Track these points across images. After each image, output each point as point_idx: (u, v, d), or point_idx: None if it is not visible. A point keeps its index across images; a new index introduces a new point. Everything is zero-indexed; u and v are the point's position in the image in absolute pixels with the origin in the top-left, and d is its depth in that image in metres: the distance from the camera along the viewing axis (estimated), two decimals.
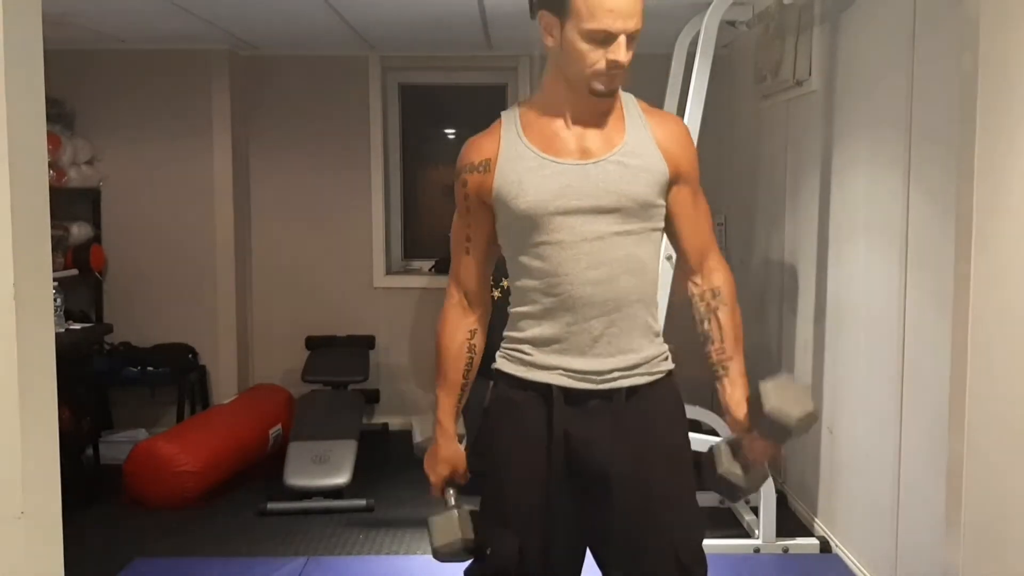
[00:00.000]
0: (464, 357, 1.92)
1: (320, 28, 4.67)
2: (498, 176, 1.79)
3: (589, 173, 1.76)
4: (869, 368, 3.26)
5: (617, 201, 1.76)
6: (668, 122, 1.88)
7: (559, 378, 1.80)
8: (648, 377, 1.84)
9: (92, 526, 3.94)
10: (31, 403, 1.86)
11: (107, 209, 5.20)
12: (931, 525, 2.67)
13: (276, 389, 5.13)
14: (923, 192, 2.84)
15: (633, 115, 1.83)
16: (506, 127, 1.84)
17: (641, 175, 1.77)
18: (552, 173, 1.77)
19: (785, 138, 4.18)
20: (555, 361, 1.81)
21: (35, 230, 1.89)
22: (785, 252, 4.19)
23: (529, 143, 1.80)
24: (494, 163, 1.80)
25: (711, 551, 1.94)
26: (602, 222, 1.76)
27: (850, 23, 3.44)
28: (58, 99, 4.86)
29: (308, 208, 5.49)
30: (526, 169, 1.78)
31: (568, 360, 1.80)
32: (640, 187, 1.77)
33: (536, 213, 1.76)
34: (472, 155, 1.84)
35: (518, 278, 1.85)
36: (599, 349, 1.79)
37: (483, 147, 1.84)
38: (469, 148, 1.86)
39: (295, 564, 3.49)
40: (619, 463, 1.79)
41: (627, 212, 1.77)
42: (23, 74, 1.84)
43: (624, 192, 1.76)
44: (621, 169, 1.77)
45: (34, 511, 1.86)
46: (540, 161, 1.78)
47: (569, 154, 1.78)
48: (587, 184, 1.76)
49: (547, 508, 1.82)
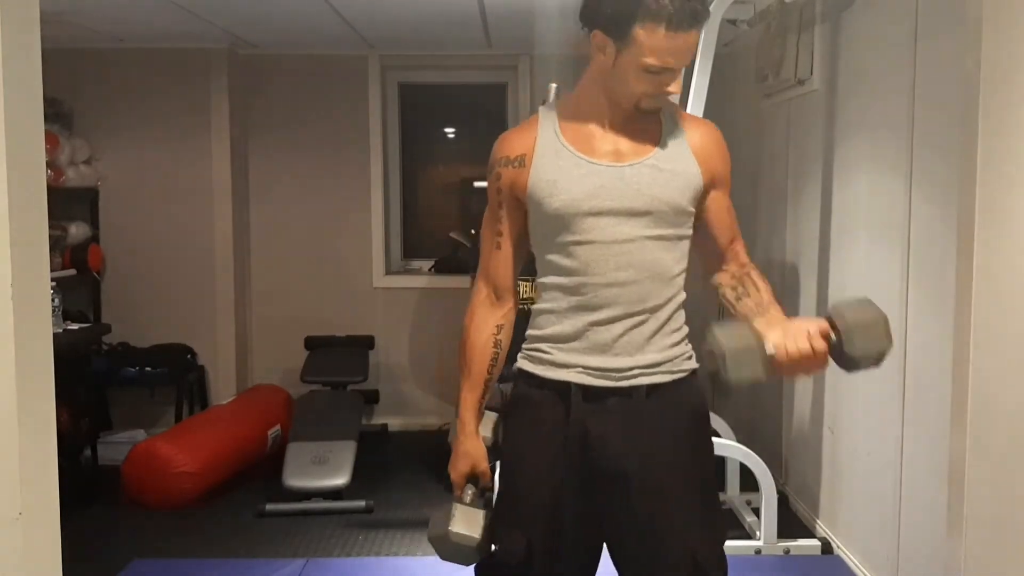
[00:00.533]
0: (490, 352, 1.90)
1: (319, 27, 4.66)
2: (533, 173, 1.79)
3: (624, 175, 1.76)
4: (870, 368, 3.24)
5: (649, 204, 1.76)
6: (703, 128, 1.88)
7: (578, 375, 1.80)
8: (670, 376, 1.82)
9: (90, 527, 3.93)
10: (29, 404, 1.85)
11: (105, 209, 5.19)
12: (933, 526, 2.66)
13: (275, 389, 5.12)
14: (925, 192, 2.84)
15: (669, 121, 1.84)
16: (543, 123, 1.83)
17: (675, 180, 1.78)
18: (587, 173, 1.77)
19: (786, 137, 4.18)
20: (574, 359, 1.80)
21: (33, 230, 1.88)
22: (786, 252, 4.18)
23: (566, 141, 1.80)
24: (530, 159, 1.80)
25: None
26: (633, 225, 1.76)
27: (852, 22, 3.44)
28: (56, 98, 4.85)
29: (307, 208, 5.48)
30: (561, 167, 1.78)
31: (587, 358, 1.79)
32: (673, 192, 1.77)
33: (568, 212, 1.76)
34: (507, 149, 1.84)
35: (545, 275, 1.85)
36: (619, 348, 1.78)
37: (519, 141, 1.83)
38: (504, 142, 1.86)
39: (294, 565, 3.48)
40: (636, 461, 1.77)
41: (658, 216, 1.77)
42: (21, 73, 1.83)
43: (657, 196, 1.76)
44: (655, 173, 1.77)
45: (32, 512, 1.85)
46: (576, 160, 1.78)
47: (604, 155, 1.78)
48: (621, 186, 1.76)
49: (560, 507, 1.81)
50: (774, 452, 4.21)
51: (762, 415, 4.52)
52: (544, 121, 1.84)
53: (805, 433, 3.93)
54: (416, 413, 5.46)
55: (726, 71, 4.74)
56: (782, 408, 4.21)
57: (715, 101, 3.51)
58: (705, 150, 1.83)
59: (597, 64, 1.78)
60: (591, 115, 1.81)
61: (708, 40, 3.42)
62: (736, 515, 3.97)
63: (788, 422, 4.16)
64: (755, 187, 4.66)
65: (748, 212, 4.78)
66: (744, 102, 4.81)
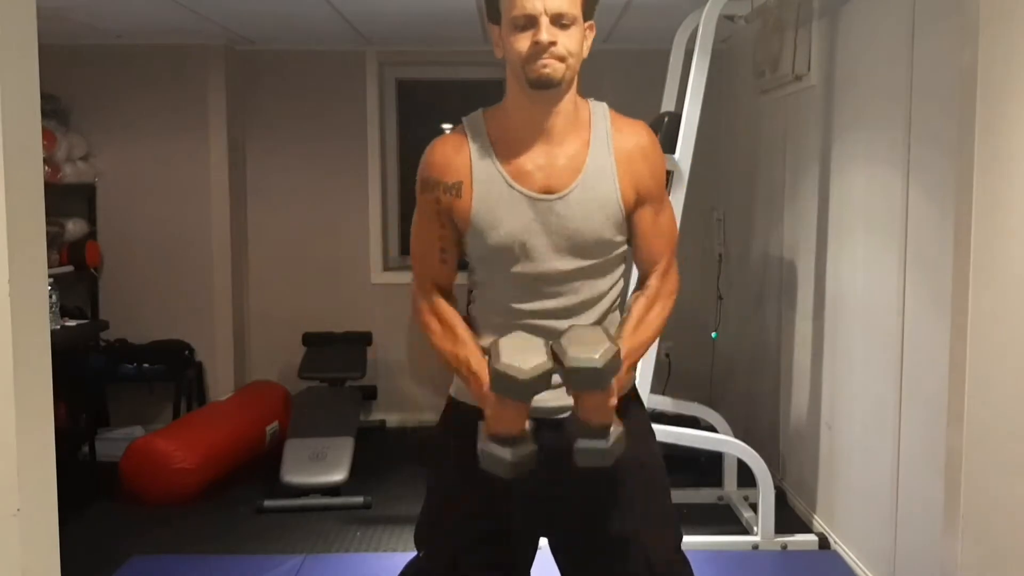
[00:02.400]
0: (460, 315, 1.88)
1: (317, 23, 4.65)
2: (475, 203, 1.78)
3: (553, 209, 1.76)
4: (868, 364, 3.25)
5: (575, 239, 1.77)
6: (633, 135, 1.83)
7: None
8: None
9: (89, 523, 3.93)
10: (27, 400, 1.85)
11: (102, 205, 5.19)
12: (930, 521, 2.67)
13: (273, 386, 5.12)
14: (922, 187, 2.84)
15: (600, 129, 1.81)
16: (473, 141, 1.81)
17: (597, 214, 1.77)
18: (521, 208, 1.76)
19: (784, 133, 4.18)
20: None
21: (30, 226, 1.88)
22: (784, 248, 4.18)
23: (500, 166, 1.78)
24: (467, 187, 1.78)
25: (710, 548, 1.94)
26: (562, 259, 1.78)
27: (849, 18, 3.44)
28: (53, 95, 4.83)
29: (305, 204, 5.47)
30: (499, 198, 1.77)
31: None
32: (596, 225, 1.78)
33: (505, 246, 1.77)
34: (442, 173, 1.80)
35: (480, 295, 1.88)
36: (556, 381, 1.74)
37: (453, 165, 1.80)
38: (437, 160, 1.81)
39: (292, 562, 3.48)
40: (575, 471, 1.74)
41: (585, 249, 1.78)
42: (17, 70, 1.83)
43: (582, 231, 1.77)
44: (581, 207, 1.77)
45: (30, 508, 1.85)
46: (510, 191, 1.77)
47: (537, 183, 1.77)
48: (551, 220, 1.76)
49: (494, 516, 1.82)
50: (772, 448, 4.22)
51: (759, 411, 4.53)
52: (473, 135, 1.81)
53: (802, 429, 3.93)
54: (414, 409, 5.46)
55: (723, 67, 4.75)
56: (779, 404, 4.22)
57: (713, 97, 3.51)
58: (632, 166, 1.80)
59: (505, 58, 1.78)
60: (517, 125, 1.79)
61: (706, 36, 3.42)
62: (734, 511, 3.98)
63: (785, 418, 4.17)
64: (753, 183, 4.67)
65: (746, 208, 4.79)
66: (741, 98, 4.81)
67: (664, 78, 3.91)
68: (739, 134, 4.96)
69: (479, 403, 1.75)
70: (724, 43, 4.83)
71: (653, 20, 4.41)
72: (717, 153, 5.06)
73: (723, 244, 4.95)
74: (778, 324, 4.24)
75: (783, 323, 4.18)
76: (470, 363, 1.77)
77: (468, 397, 1.83)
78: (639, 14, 4.33)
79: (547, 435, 1.76)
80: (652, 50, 4.46)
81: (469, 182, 1.78)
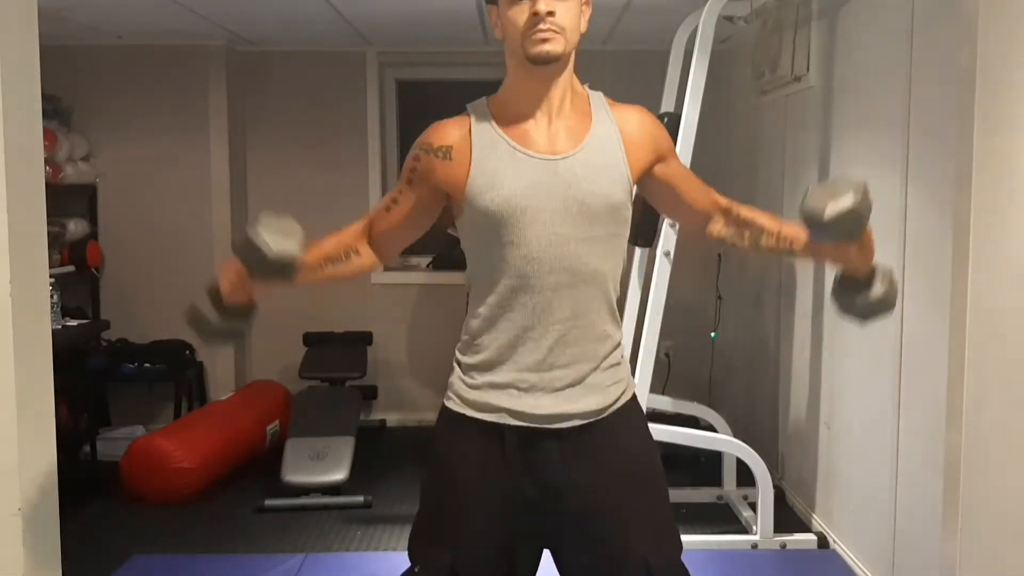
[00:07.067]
0: (339, 253, 1.90)
1: (317, 23, 4.66)
2: (474, 166, 1.73)
3: (558, 169, 1.73)
4: (866, 363, 3.26)
5: (584, 200, 1.72)
6: (634, 113, 1.84)
7: (509, 420, 1.75)
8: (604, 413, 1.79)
9: (90, 523, 3.94)
10: (28, 400, 1.86)
11: (104, 205, 5.19)
12: (929, 520, 2.67)
13: (273, 385, 5.12)
14: (921, 187, 2.84)
15: (600, 110, 1.81)
16: (476, 115, 1.80)
17: (605, 173, 1.74)
18: (525, 168, 1.72)
19: (783, 134, 4.18)
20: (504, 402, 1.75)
21: (32, 227, 1.89)
22: None
23: (502, 131, 1.76)
24: (465, 152, 1.75)
25: (709, 547, 1.94)
26: (565, 224, 1.71)
27: (848, 18, 3.44)
28: (54, 95, 4.84)
29: (305, 204, 5.46)
30: (499, 160, 1.74)
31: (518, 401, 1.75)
32: (605, 187, 1.74)
33: (504, 210, 1.71)
34: (432, 139, 1.79)
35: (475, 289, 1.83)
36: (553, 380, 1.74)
37: (448, 134, 1.78)
38: (432, 131, 1.81)
39: (293, 561, 3.48)
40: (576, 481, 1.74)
41: (592, 214, 1.73)
42: (19, 70, 1.83)
43: (591, 192, 1.72)
44: (587, 166, 1.74)
45: (32, 507, 1.86)
46: (512, 152, 1.74)
47: (540, 147, 1.75)
48: (556, 181, 1.72)
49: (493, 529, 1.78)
50: (771, 447, 4.22)
51: (759, 411, 4.53)
52: (477, 113, 1.80)
53: (801, 428, 3.94)
54: (414, 409, 5.46)
55: (723, 68, 4.75)
56: (778, 403, 4.22)
57: (712, 98, 3.51)
58: (640, 133, 1.80)
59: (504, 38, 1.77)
60: (519, 103, 1.77)
61: (705, 37, 3.43)
62: (733, 510, 3.99)
63: (784, 417, 4.17)
64: (751, 183, 4.67)
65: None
66: (741, 99, 4.81)
67: (664, 79, 3.91)
68: (738, 135, 4.96)
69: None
70: (723, 44, 4.83)
71: (653, 21, 4.41)
72: (716, 154, 5.06)
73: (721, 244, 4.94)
74: (777, 324, 4.24)
75: (782, 323, 4.18)
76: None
77: (459, 406, 1.81)
78: (639, 15, 4.34)
79: (547, 445, 1.74)
80: (652, 51, 4.47)
81: (468, 148, 1.75)
